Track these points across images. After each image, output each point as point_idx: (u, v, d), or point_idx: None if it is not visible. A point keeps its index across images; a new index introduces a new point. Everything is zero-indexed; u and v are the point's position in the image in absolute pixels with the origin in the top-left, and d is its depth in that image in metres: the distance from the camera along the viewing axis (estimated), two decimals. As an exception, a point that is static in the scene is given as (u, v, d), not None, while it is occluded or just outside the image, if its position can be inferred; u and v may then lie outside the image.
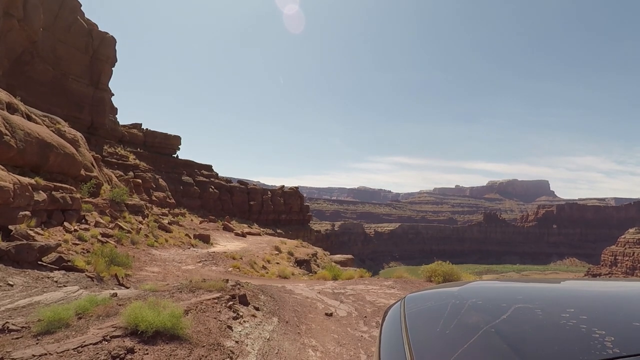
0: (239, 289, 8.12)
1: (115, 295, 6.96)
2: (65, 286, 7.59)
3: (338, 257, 40.62)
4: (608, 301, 1.90)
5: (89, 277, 8.64)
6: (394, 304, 2.18)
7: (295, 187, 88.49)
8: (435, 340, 1.53)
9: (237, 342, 5.73)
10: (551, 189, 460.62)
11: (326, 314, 8.39)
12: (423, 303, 2.03)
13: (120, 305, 6.16)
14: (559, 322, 1.43)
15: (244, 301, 7.47)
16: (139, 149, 61.43)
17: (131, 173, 49.74)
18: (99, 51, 51.84)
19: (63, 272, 8.62)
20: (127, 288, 8.76)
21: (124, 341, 4.76)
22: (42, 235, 12.90)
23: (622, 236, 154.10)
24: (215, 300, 6.90)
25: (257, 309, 7.54)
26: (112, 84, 56.47)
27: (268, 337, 6.42)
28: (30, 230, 12.57)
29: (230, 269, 16.69)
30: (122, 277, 9.78)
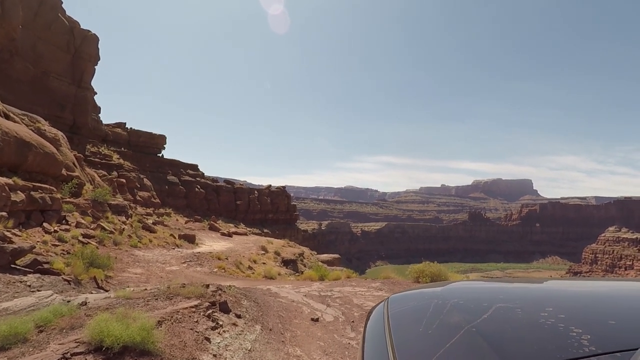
0: (220, 294, 7.74)
1: (84, 303, 6.57)
2: (39, 290, 7.24)
3: (325, 256, 40.59)
4: (585, 300, 1.94)
5: (65, 280, 8.33)
6: (378, 304, 2.18)
7: (282, 186, 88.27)
8: (418, 340, 1.53)
9: (214, 355, 5.37)
10: (534, 188, 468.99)
11: (312, 319, 8.02)
12: (406, 303, 2.04)
13: (88, 315, 5.67)
14: (538, 321, 1.46)
15: (224, 308, 7.18)
16: (123, 149, 60.48)
17: (115, 173, 48.86)
18: (81, 49, 50.74)
19: (38, 275, 8.30)
20: (107, 291, 8.49)
21: (86, 359, 4.37)
22: (19, 236, 12.55)
23: (602, 234, 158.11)
24: (193, 309, 6.52)
25: (238, 316, 7.24)
26: (95, 83, 55.80)
27: (249, 347, 6.07)
28: (7, 231, 12.21)
29: (215, 270, 16.51)
30: (102, 280, 9.48)
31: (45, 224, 14.94)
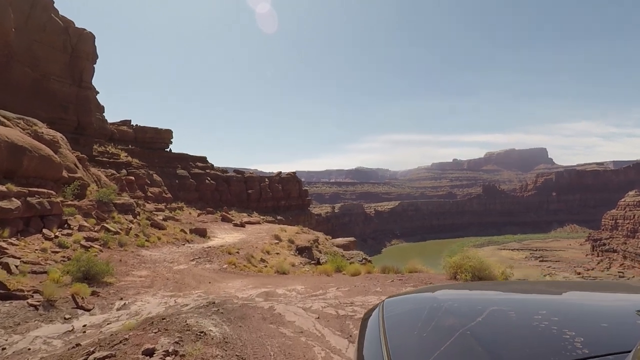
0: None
1: None
2: (-16, 327, 6.15)
3: (340, 240, 39.97)
4: (578, 303, 1.94)
5: (32, 305, 7.20)
6: (374, 308, 2.15)
7: (292, 172, 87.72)
8: (413, 343, 1.53)
9: None
10: (549, 156, 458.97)
11: (328, 378, 4.96)
12: (401, 307, 2.03)
13: None
14: (531, 324, 1.47)
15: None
16: (130, 146, 60.25)
17: (124, 171, 48.62)
18: (78, 48, 49.93)
19: (-2, 302, 7.19)
20: (89, 310, 7.58)
21: None
22: (16, 245, 11.96)
23: (622, 199, 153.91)
24: None
25: None
26: (97, 82, 55.36)
27: None
28: (3, 241, 11.64)
29: (225, 266, 15.81)
30: (82, 298, 8.38)
31: (45, 230, 14.34)
